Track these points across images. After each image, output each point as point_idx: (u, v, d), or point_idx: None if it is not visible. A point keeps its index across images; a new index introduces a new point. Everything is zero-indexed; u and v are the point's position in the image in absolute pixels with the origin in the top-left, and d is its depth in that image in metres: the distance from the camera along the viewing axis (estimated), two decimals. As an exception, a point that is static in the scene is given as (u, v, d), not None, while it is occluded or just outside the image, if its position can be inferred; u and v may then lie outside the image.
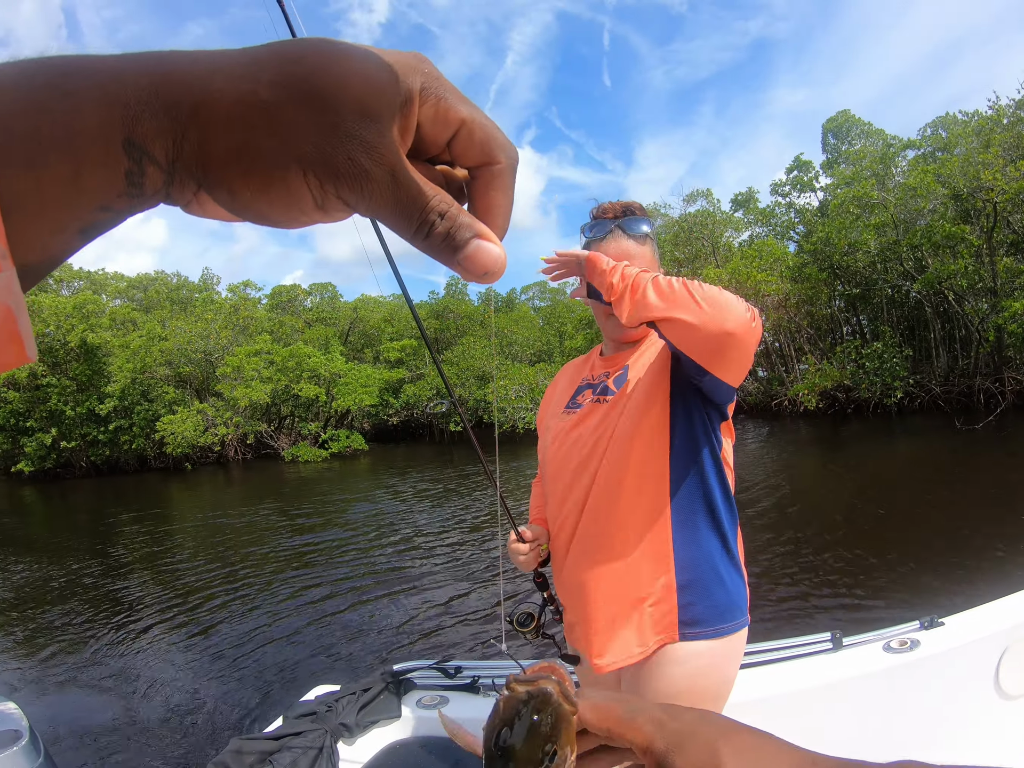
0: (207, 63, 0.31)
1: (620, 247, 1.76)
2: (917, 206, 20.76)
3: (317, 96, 0.31)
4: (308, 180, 0.31)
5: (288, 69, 0.31)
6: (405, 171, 0.33)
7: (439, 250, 0.35)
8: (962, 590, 5.75)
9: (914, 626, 2.38)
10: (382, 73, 0.33)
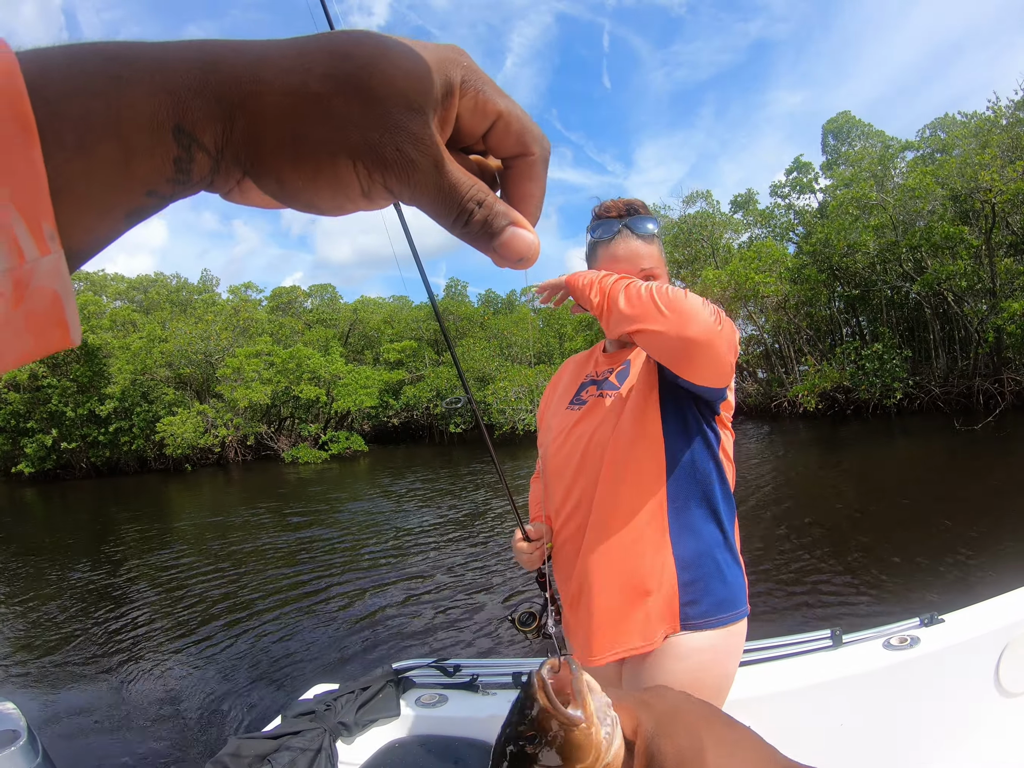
0: (254, 53, 0.32)
1: (629, 247, 1.76)
2: (916, 207, 20.77)
3: (366, 89, 0.32)
4: (357, 169, 0.32)
5: (338, 63, 0.32)
6: (447, 162, 0.34)
7: (476, 237, 0.36)
8: (962, 588, 5.75)
9: (914, 623, 2.38)
10: (425, 68, 0.34)
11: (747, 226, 31.92)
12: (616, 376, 1.79)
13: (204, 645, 6.67)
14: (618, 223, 1.79)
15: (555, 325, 38.92)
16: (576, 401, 1.87)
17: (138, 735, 4.92)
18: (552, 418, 1.94)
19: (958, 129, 25.28)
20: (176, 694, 5.57)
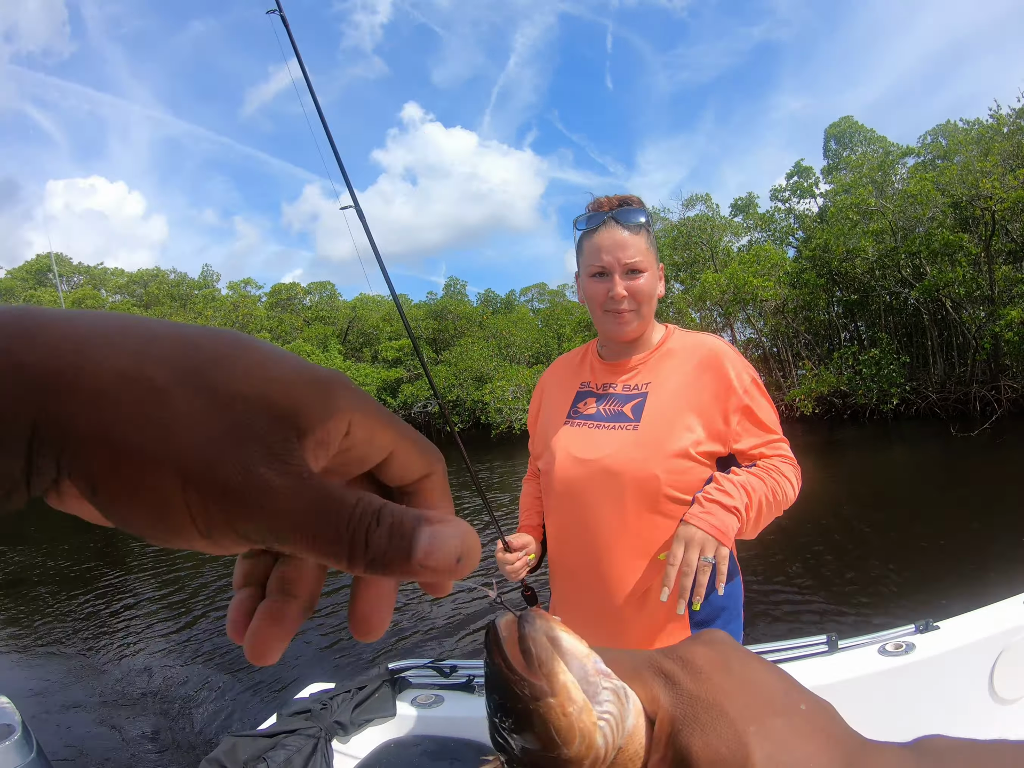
0: (86, 322, 0.26)
1: (613, 237, 1.70)
2: (916, 213, 20.80)
3: (212, 383, 0.26)
4: (187, 496, 0.25)
5: (187, 350, 0.26)
6: (318, 480, 0.27)
7: (387, 559, 0.27)
8: (957, 594, 5.75)
9: (909, 629, 2.38)
10: (295, 373, 0.28)
11: (747, 230, 31.93)
12: (632, 408, 1.72)
13: (200, 642, 6.67)
14: (605, 215, 1.74)
15: (554, 326, 38.91)
16: (575, 415, 1.83)
17: (133, 732, 4.92)
18: (549, 428, 1.88)
19: (959, 136, 25.31)
20: (171, 692, 5.57)
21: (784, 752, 0.33)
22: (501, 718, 0.37)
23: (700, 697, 0.36)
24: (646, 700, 0.38)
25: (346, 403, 0.29)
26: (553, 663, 0.37)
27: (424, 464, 0.33)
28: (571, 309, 41.28)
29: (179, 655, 6.38)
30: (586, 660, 0.38)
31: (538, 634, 0.38)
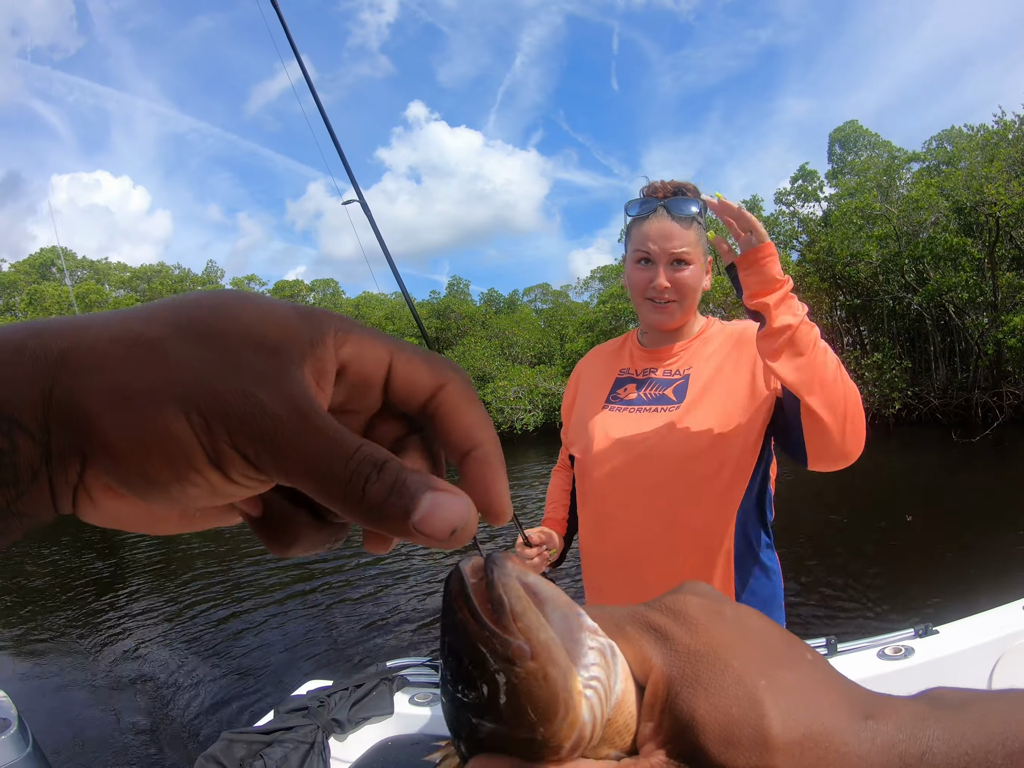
0: (86, 317, 0.27)
1: (662, 226, 1.68)
2: (920, 218, 20.77)
3: (209, 329, 0.27)
4: (192, 421, 0.25)
5: (179, 308, 0.28)
6: (318, 413, 0.27)
7: (382, 513, 0.27)
8: (957, 599, 5.75)
9: (908, 633, 2.38)
10: (283, 309, 0.29)
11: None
12: (674, 389, 1.70)
13: (198, 639, 6.67)
14: (657, 202, 1.71)
15: (556, 326, 38.95)
16: (614, 400, 1.80)
17: (130, 728, 4.92)
18: (586, 414, 1.84)
19: (964, 142, 25.29)
20: (169, 687, 5.57)
21: (800, 707, 0.29)
22: (462, 689, 0.29)
23: (699, 652, 0.31)
24: (634, 661, 0.32)
25: (331, 326, 0.30)
26: (531, 615, 0.29)
27: (432, 374, 0.31)
28: (574, 310, 41.30)
29: (176, 651, 6.38)
30: (569, 611, 0.31)
31: (511, 579, 0.29)
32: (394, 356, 0.31)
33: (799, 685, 0.30)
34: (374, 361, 0.31)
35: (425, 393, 0.31)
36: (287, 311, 0.29)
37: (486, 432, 0.32)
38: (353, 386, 0.31)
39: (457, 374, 0.32)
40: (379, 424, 0.33)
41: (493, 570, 0.29)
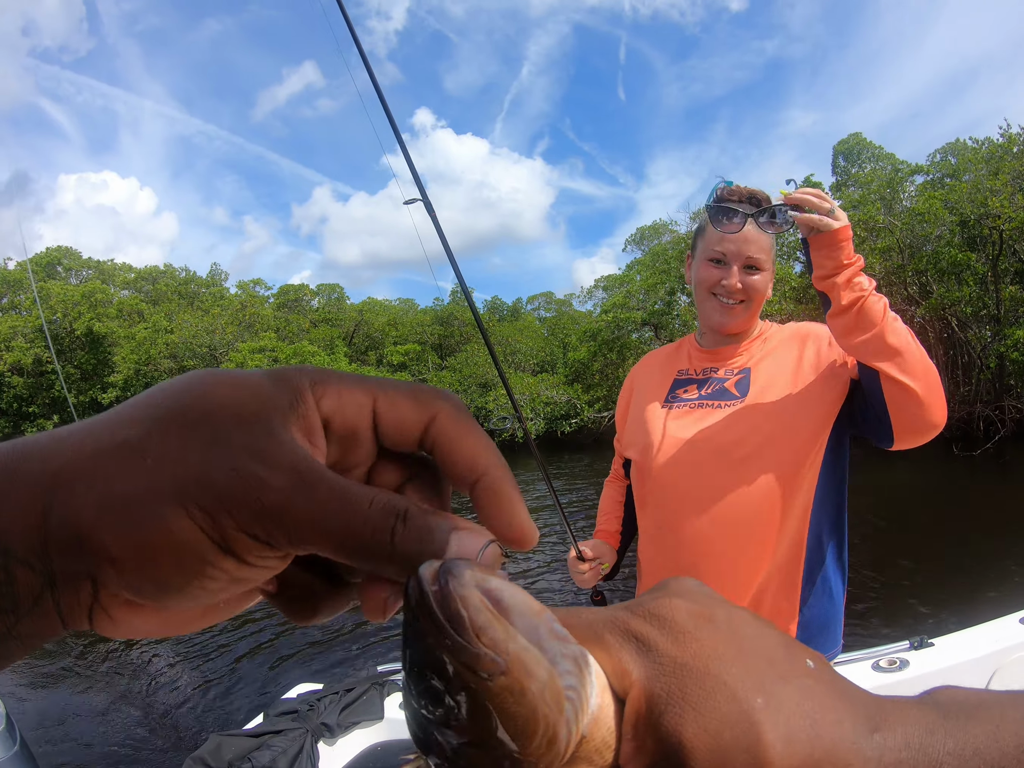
0: (67, 429, 0.27)
1: (744, 231, 1.64)
2: (924, 231, 20.76)
3: (183, 417, 0.26)
4: (193, 516, 0.25)
5: (154, 402, 0.27)
6: (319, 472, 0.26)
7: (414, 563, 0.26)
8: (952, 612, 5.74)
9: (903, 646, 2.37)
10: (254, 377, 0.28)
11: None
12: (736, 384, 1.69)
13: (189, 640, 6.65)
14: (742, 215, 1.64)
15: (560, 335, 38.95)
16: (674, 399, 1.77)
17: (118, 728, 4.91)
18: (644, 415, 1.80)
19: (968, 155, 25.29)
20: (158, 688, 5.56)
21: (801, 727, 0.26)
22: (427, 705, 0.26)
23: (687, 665, 0.28)
24: (612, 673, 0.29)
25: (305, 380, 0.29)
26: (496, 628, 0.26)
27: (418, 408, 0.30)
28: (577, 319, 41.31)
29: (166, 652, 6.37)
30: (538, 620, 0.28)
31: (469, 590, 0.26)
32: (376, 398, 0.30)
33: (799, 700, 0.27)
34: (356, 407, 0.29)
35: (417, 429, 0.30)
36: (258, 378, 0.28)
37: (490, 457, 0.30)
38: (343, 439, 0.30)
39: (446, 402, 0.30)
40: (380, 472, 0.32)
41: (448, 581, 0.26)
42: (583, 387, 28.62)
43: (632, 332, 27.68)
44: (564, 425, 27.56)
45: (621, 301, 27.70)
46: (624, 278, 33.62)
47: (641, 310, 27.01)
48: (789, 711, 0.27)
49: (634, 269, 33.10)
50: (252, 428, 0.26)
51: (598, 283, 42.44)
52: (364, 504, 0.26)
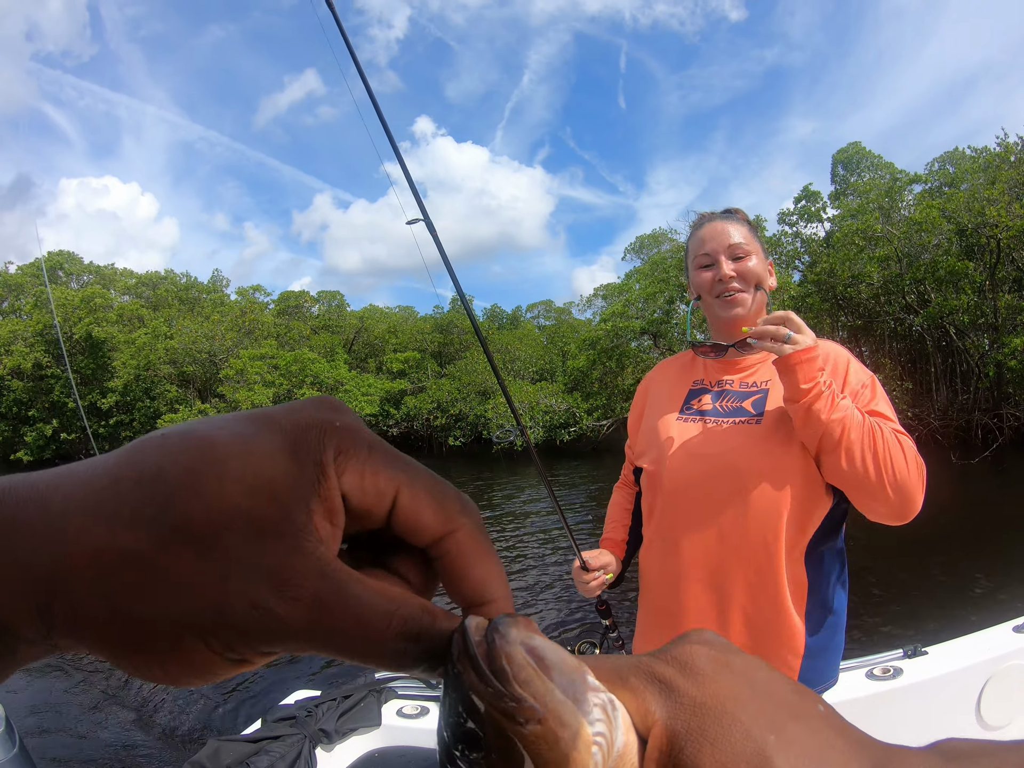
0: (54, 493, 0.24)
1: (715, 227, 1.73)
2: (922, 240, 20.80)
3: (187, 528, 0.24)
4: (211, 646, 0.24)
5: (147, 494, 0.24)
6: (341, 589, 0.25)
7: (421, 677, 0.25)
8: (947, 621, 5.75)
9: (897, 654, 2.38)
10: (270, 455, 0.26)
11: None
12: (753, 403, 1.67)
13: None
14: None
15: (559, 343, 38.99)
16: (688, 410, 1.76)
17: (116, 733, 4.91)
18: (658, 424, 1.79)
19: (966, 164, 25.38)
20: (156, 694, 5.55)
21: (811, 763, 0.27)
22: (463, 748, 0.28)
23: (706, 704, 0.29)
24: (636, 713, 0.31)
25: (329, 451, 0.27)
26: (536, 683, 0.28)
27: (441, 517, 0.29)
28: (577, 327, 41.36)
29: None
30: (575, 675, 0.30)
31: (514, 647, 0.28)
32: (400, 490, 0.28)
33: (809, 740, 0.28)
34: (377, 494, 0.28)
35: (432, 536, 0.29)
36: (274, 456, 0.26)
37: (500, 589, 0.30)
38: (354, 515, 0.28)
39: (469, 518, 0.29)
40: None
41: (495, 640, 0.28)
42: (582, 395, 28.63)
43: (631, 341, 27.69)
44: (563, 433, 27.55)
45: (620, 310, 27.73)
46: (623, 287, 33.68)
47: (640, 319, 27.03)
48: (799, 749, 0.28)
49: (633, 278, 33.19)
50: (274, 546, 0.24)
51: (597, 292, 42.57)
52: (383, 627, 0.25)
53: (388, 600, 0.26)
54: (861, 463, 1.45)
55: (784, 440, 1.57)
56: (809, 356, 1.46)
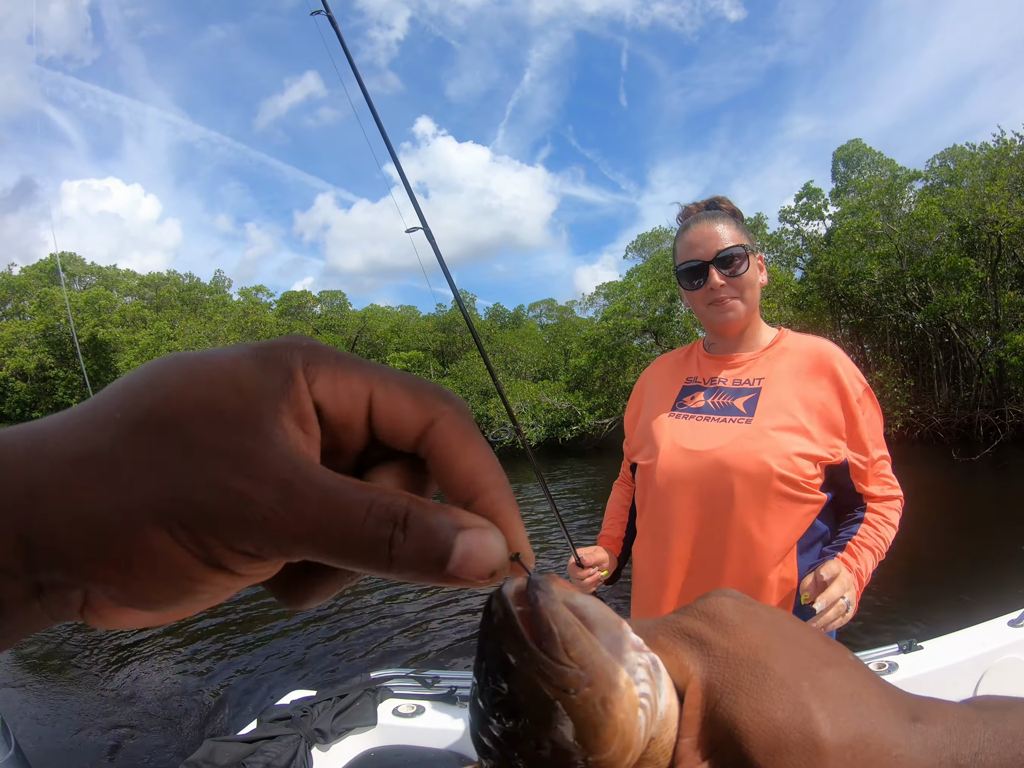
0: (46, 430, 0.24)
1: (701, 230, 1.72)
2: (923, 237, 20.77)
3: (157, 419, 0.24)
4: (176, 536, 0.23)
5: (127, 398, 0.24)
6: (309, 476, 0.24)
7: (417, 570, 0.24)
8: (942, 615, 5.74)
9: (892, 649, 2.39)
10: (237, 360, 0.26)
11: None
12: (744, 403, 1.68)
13: (182, 645, 6.66)
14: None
15: (561, 342, 38.97)
16: (681, 407, 1.78)
17: (112, 734, 4.91)
18: (652, 421, 1.82)
19: (966, 160, 25.32)
20: (152, 694, 5.55)
21: (847, 708, 0.28)
22: (503, 718, 0.28)
23: (738, 655, 0.29)
24: (671, 669, 0.31)
25: (298, 360, 0.26)
26: (583, 641, 0.27)
27: (419, 408, 0.27)
28: (579, 326, 41.32)
29: (161, 658, 6.37)
30: (619, 631, 0.30)
31: (558, 606, 0.28)
32: (374, 389, 0.27)
33: (844, 685, 0.28)
34: (351, 396, 0.27)
35: (415, 431, 0.28)
36: (242, 360, 0.26)
37: (491, 476, 0.28)
38: (332, 427, 0.27)
39: (449, 405, 0.28)
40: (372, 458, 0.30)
41: (538, 597, 0.27)
42: (584, 394, 28.60)
43: (633, 339, 27.67)
44: (565, 432, 27.53)
45: (622, 308, 27.71)
46: (625, 285, 33.62)
47: (641, 317, 27.01)
48: (835, 694, 0.28)
49: (635, 276, 33.12)
50: (236, 431, 0.24)
51: (599, 290, 42.55)
52: (360, 514, 0.24)
53: (368, 489, 0.24)
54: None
55: (772, 440, 1.59)
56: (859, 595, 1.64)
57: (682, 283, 1.78)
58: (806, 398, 1.64)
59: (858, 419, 1.62)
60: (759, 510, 1.58)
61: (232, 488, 0.23)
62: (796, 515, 1.60)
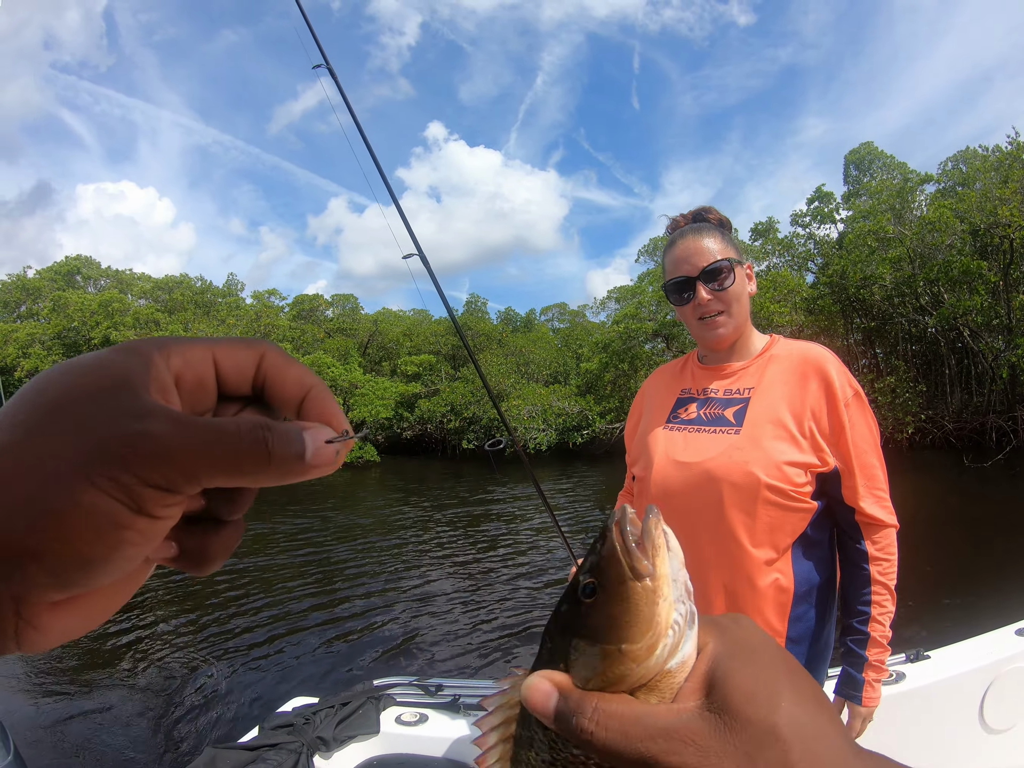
0: None
1: (687, 246, 1.73)
2: (934, 240, 20.63)
3: (49, 407, 0.28)
4: (99, 484, 0.27)
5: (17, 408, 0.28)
6: (193, 417, 0.30)
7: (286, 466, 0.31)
8: (950, 624, 5.68)
9: (900, 658, 2.37)
10: (104, 354, 0.30)
11: (766, 255, 31.76)
12: (734, 413, 1.69)
13: (184, 652, 6.64)
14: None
15: (573, 345, 38.95)
16: (674, 419, 1.80)
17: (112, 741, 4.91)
18: (648, 433, 1.85)
19: (979, 163, 25.15)
20: (154, 700, 5.54)
21: (809, 701, 0.36)
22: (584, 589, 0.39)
23: (745, 640, 0.39)
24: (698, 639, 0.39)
25: (153, 348, 0.32)
26: (663, 552, 0.38)
27: (250, 351, 0.35)
28: (590, 330, 41.29)
29: (162, 663, 6.36)
30: (684, 571, 0.40)
31: (655, 528, 0.39)
32: (215, 350, 0.34)
33: (809, 691, 0.37)
34: (200, 361, 0.33)
35: (251, 368, 0.35)
36: (107, 353, 0.30)
37: (313, 378, 0.36)
38: (192, 392, 0.33)
39: (270, 345, 0.36)
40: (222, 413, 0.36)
41: (650, 516, 0.39)
42: (595, 398, 28.58)
43: (644, 343, 27.64)
44: (576, 436, 27.51)
45: (632, 312, 27.70)
46: (636, 289, 33.62)
47: (652, 321, 26.99)
48: (805, 701, 0.36)
49: (646, 280, 33.07)
50: (117, 396, 0.28)
51: (611, 294, 42.46)
52: (235, 428, 0.29)
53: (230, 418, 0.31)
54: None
55: (760, 450, 1.59)
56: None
57: (671, 298, 1.79)
58: (795, 405, 1.63)
59: (845, 424, 1.61)
60: (748, 519, 1.58)
61: (134, 430, 0.27)
62: (786, 524, 1.59)
